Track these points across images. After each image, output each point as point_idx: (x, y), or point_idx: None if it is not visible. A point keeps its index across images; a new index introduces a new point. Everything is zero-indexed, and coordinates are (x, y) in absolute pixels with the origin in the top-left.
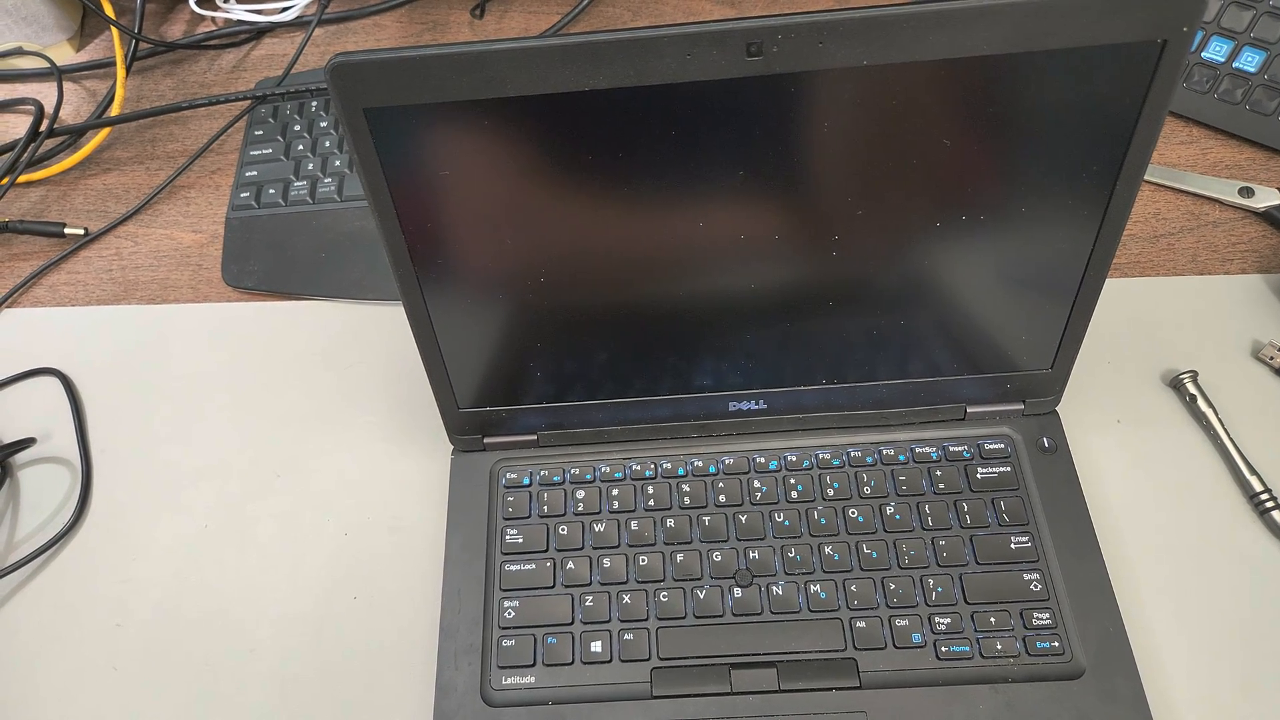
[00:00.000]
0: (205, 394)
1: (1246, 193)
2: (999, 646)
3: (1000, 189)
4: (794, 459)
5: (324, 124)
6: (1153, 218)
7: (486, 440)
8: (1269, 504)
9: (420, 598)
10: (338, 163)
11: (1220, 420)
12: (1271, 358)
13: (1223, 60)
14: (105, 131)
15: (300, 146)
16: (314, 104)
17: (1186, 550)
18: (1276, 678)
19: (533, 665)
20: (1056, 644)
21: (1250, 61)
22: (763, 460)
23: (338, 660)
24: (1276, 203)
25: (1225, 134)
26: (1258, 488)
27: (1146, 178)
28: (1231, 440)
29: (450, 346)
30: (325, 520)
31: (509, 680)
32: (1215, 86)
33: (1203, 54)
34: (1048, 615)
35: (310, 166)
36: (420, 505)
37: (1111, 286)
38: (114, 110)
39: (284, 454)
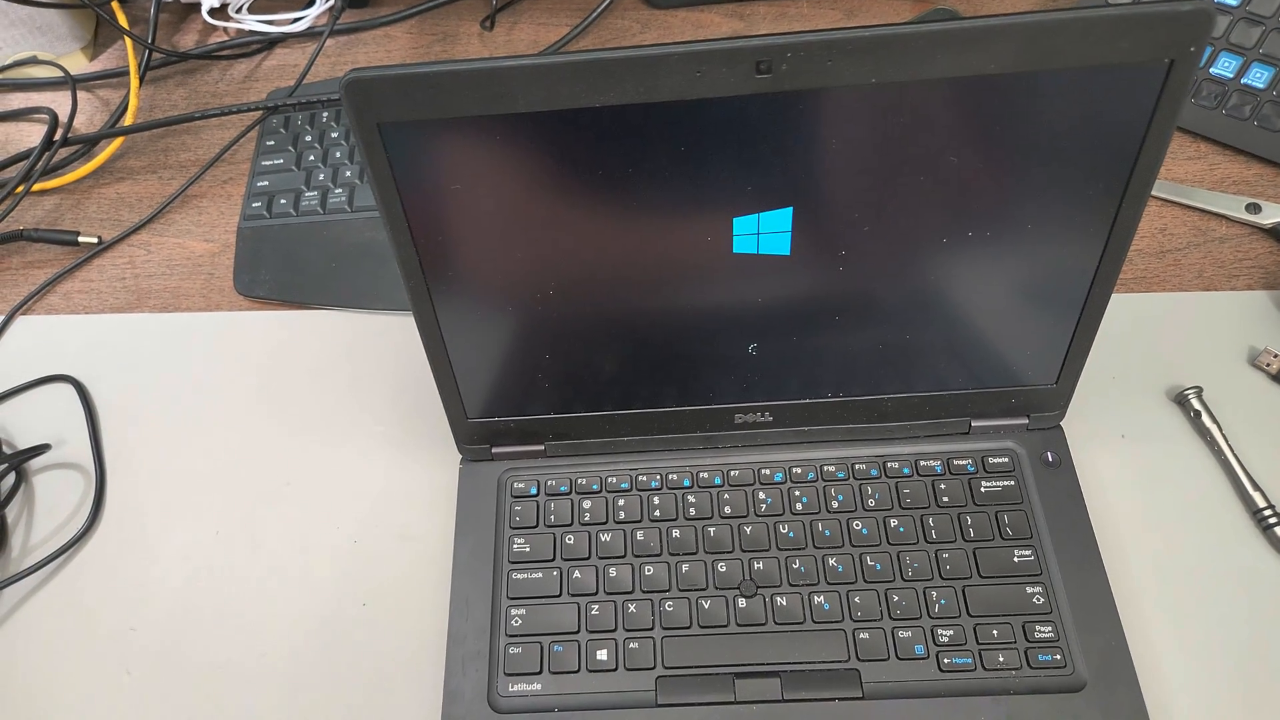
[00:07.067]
0: (217, 402)
1: (1254, 209)
2: (1001, 659)
3: (1007, 206)
4: (799, 471)
5: (335, 135)
6: (1159, 233)
7: (494, 450)
8: (1272, 520)
9: (429, 605)
10: (348, 173)
11: (1224, 435)
12: (1268, 364)
13: (1231, 76)
14: (119, 141)
15: (311, 157)
16: (325, 115)
17: (1189, 565)
18: (1277, 693)
19: (539, 673)
20: (1058, 657)
21: (1259, 78)
22: (768, 472)
23: (346, 665)
24: None
25: (1233, 150)
26: (1261, 504)
27: (1153, 193)
28: (1235, 456)
29: (459, 357)
30: (335, 528)
31: (515, 687)
32: (1224, 102)
33: (1211, 69)
34: (1050, 628)
35: (321, 177)
36: (429, 514)
37: (1117, 302)
38: (127, 119)
39: (294, 462)
